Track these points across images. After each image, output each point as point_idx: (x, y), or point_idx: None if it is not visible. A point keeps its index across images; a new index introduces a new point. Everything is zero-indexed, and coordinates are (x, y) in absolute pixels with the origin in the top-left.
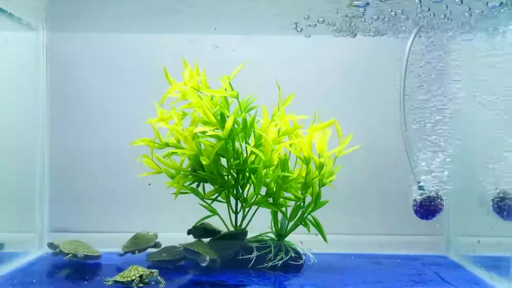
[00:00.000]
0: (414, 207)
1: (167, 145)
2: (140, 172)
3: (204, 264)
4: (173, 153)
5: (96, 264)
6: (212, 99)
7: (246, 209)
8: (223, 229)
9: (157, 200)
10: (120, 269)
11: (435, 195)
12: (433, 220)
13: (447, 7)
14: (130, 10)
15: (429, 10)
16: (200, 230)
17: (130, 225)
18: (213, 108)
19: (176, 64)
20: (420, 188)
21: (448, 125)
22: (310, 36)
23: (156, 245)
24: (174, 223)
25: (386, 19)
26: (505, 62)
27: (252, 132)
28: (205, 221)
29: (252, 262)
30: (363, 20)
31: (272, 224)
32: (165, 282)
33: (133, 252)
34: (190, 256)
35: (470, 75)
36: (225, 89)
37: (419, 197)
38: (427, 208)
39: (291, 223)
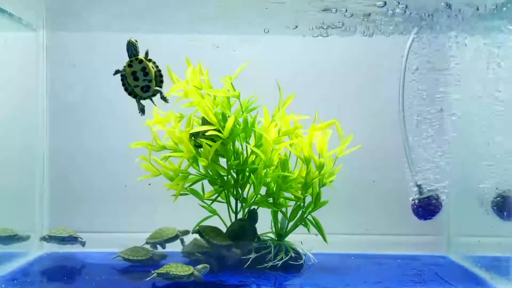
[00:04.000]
0: (413, 207)
1: (164, 147)
2: (140, 172)
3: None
4: (170, 155)
5: (96, 264)
6: (214, 98)
7: (246, 209)
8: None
9: (157, 200)
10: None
11: (434, 195)
12: (431, 220)
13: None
14: (129, 10)
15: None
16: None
17: (131, 225)
18: (214, 108)
19: (176, 64)
20: (419, 188)
21: (447, 125)
22: (310, 35)
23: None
24: (175, 223)
25: (387, 19)
26: (505, 62)
27: (253, 132)
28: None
29: (251, 262)
30: (363, 20)
31: (272, 224)
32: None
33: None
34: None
35: (471, 75)
36: (227, 89)
37: (417, 197)
38: (426, 208)
39: (291, 223)
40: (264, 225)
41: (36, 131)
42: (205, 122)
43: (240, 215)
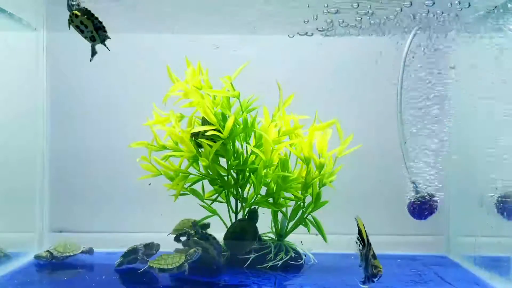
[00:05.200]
0: (409, 207)
1: (164, 147)
2: (140, 172)
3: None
4: (170, 155)
5: (96, 264)
6: (214, 98)
7: (246, 209)
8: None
9: (157, 200)
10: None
11: (430, 195)
12: (429, 219)
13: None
14: (130, 10)
15: (428, 12)
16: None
17: (130, 225)
18: (214, 108)
19: (176, 65)
20: (415, 188)
21: (447, 125)
22: (312, 35)
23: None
24: (174, 223)
25: (385, 19)
26: (505, 62)
27: (253, 132)
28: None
29: (251, 262)
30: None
31: (272, 224)
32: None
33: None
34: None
35: (470, 75)
36: (227, 89)
37: (413, 197)
38: (421, 208)
39: (291, 223)
40: (264, 225)
41: (36, 131)
42: (205, 122)
43: (240, 215)
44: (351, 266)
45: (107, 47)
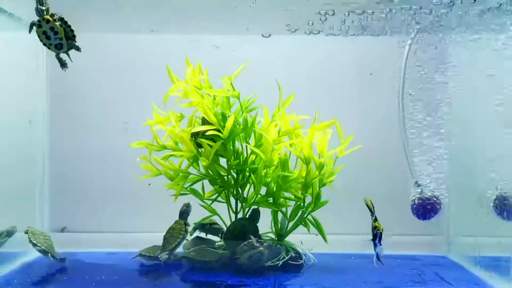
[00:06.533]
0: (413, 207)
1: (164, 147)
2: (140, 171)
3: None
4: (171, 155)
5: (95, 264)
6: (214, 98)
7: (246, 209)
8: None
9: (157, 200)
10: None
11: (433, 195)
12: (431, 220)
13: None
14: (129, 10)
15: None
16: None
17: (130, 225)
18: (214, 108)
19: (176, 65)
20: (419, 188)
21: (448, 125)
22: (309, 33)
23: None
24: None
25: (387, 18)
26: (505, 62)
27: (253, 132)
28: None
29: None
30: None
31: (272, 224)
32: None
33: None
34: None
35: (471, 75)
36: (227, 89)
37: (417, 197)
38: (426, 208)
39: (291, 223)
40: (264, 225)
41: (36, 131)
42: (205, 122)
43: (240, 215)
44: (351, 266)
45: (69, 57)
